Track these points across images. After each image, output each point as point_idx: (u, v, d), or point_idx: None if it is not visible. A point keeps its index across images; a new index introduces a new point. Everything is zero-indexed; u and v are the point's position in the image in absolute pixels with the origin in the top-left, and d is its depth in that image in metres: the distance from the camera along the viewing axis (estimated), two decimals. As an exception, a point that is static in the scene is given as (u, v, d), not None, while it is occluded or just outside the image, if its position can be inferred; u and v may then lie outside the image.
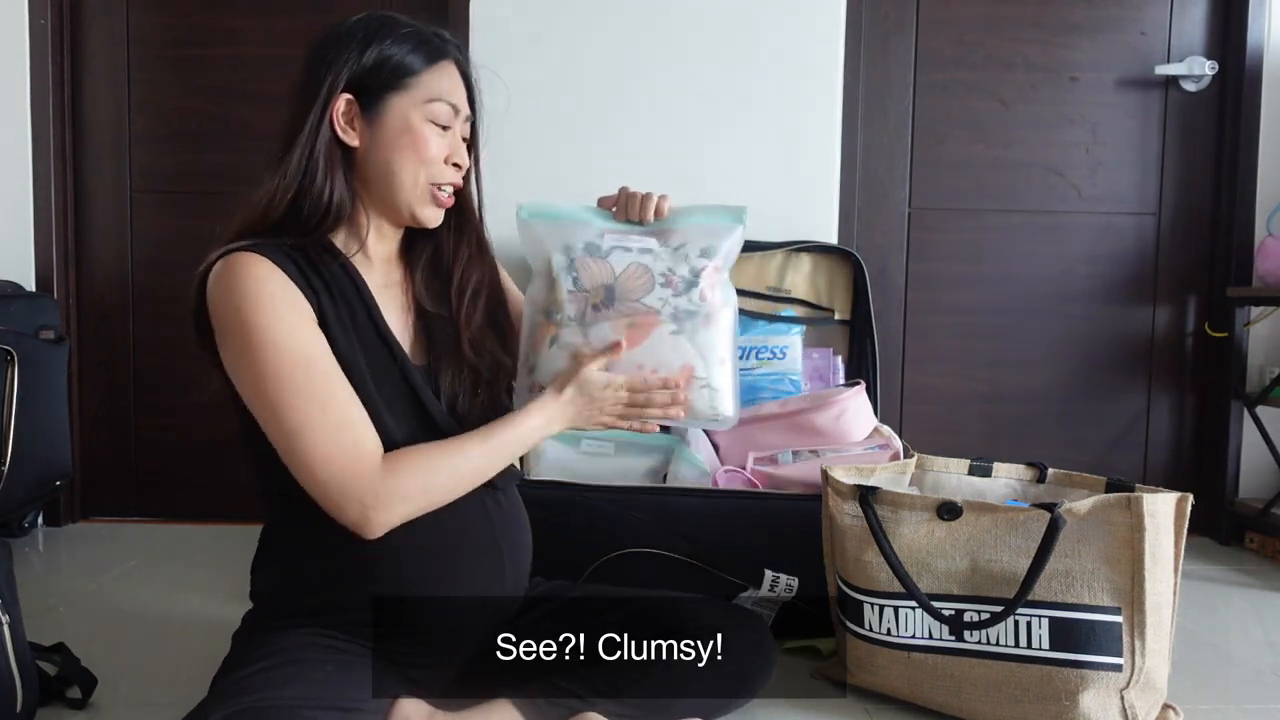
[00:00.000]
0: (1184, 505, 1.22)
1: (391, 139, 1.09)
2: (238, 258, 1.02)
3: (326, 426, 0.99)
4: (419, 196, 1.12)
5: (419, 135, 1.10)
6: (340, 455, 1.00)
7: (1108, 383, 2.38)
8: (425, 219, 1.14)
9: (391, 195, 1.11)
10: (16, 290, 2.15)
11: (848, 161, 2.24)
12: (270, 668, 0.98)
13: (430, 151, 1.10)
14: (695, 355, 1.13)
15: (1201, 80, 2.31)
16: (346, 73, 1.08)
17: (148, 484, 2.35)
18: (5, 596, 1.19)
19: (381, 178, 1.11)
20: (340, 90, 1.08)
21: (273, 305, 1.00)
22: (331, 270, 1.08)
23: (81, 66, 2.29)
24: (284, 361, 0.99)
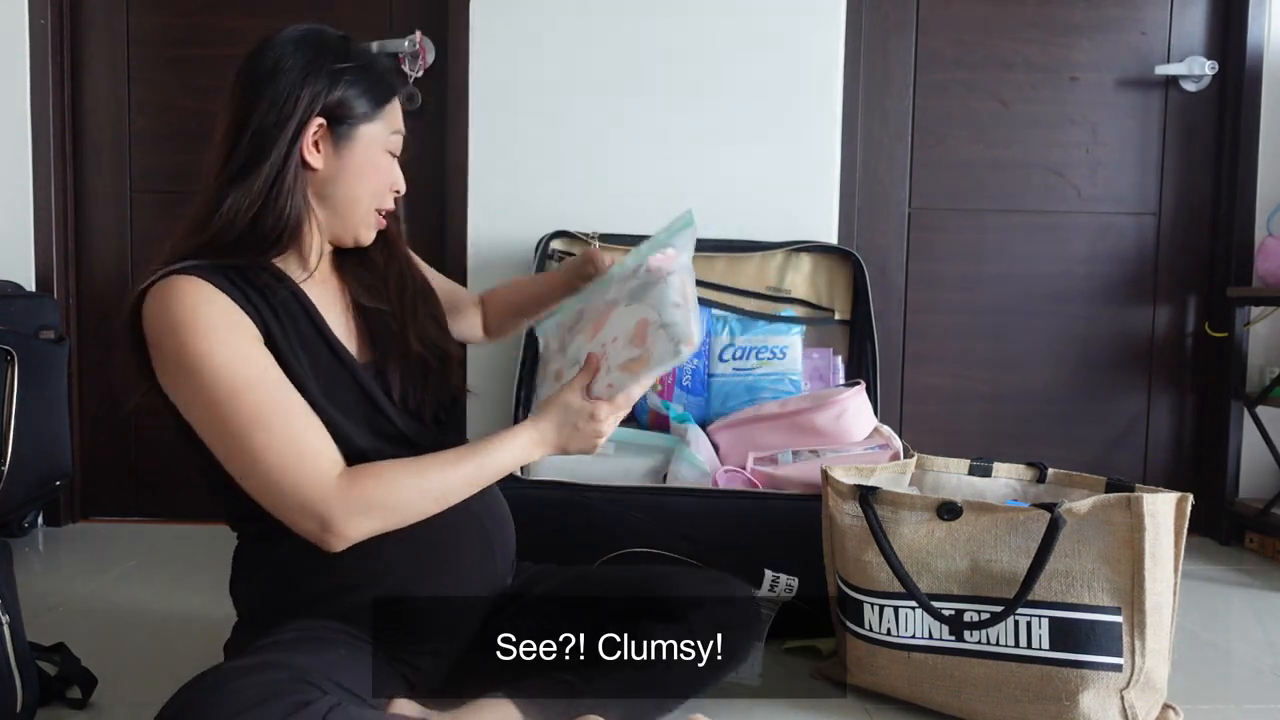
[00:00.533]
0: (1184, 505, 1.22)
1: (357, 167, 1.10)
2: (175, 281, 0.99)
3: (278, 446, 0.97)
4: (364, 220, 1.13)
5: (380, 166, 1.12)
6: (295, 473, 0.97)
7: (1108, 383, 2.38)
8: (365, 240, 1.16)
9: (344, 219, 1.12)
10: (16, 290, 2.15)
11: (848, 161, 2.24)
12: (289, 640, 1.00)
13: (384, 181, 1.13)
14: (647, 309, 1.12)
15: (1201, 80, 2.31)
16: (323, 99, 1.07)
17: (148, 484, 2.35)
18: (5, 596, 1.19)
19: (340, 202, 1.11)
20: (315, 114, 1.07)
21: (211, 329, 0.97)
22: (278, 294, 1.05)
23: (81, 67, 2.29)
24: (227, 386, 0.96)
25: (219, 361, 0.97)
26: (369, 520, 1.00)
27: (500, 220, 2.18)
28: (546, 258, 2.04)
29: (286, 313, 1.05)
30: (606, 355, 1.12)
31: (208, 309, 0.98)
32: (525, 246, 2.15)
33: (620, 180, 2.21)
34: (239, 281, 1.03)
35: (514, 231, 2.17)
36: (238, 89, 1.10)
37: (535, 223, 2.13)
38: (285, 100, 1.06)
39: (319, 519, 0.98)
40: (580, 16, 2.18)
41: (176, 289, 0.98)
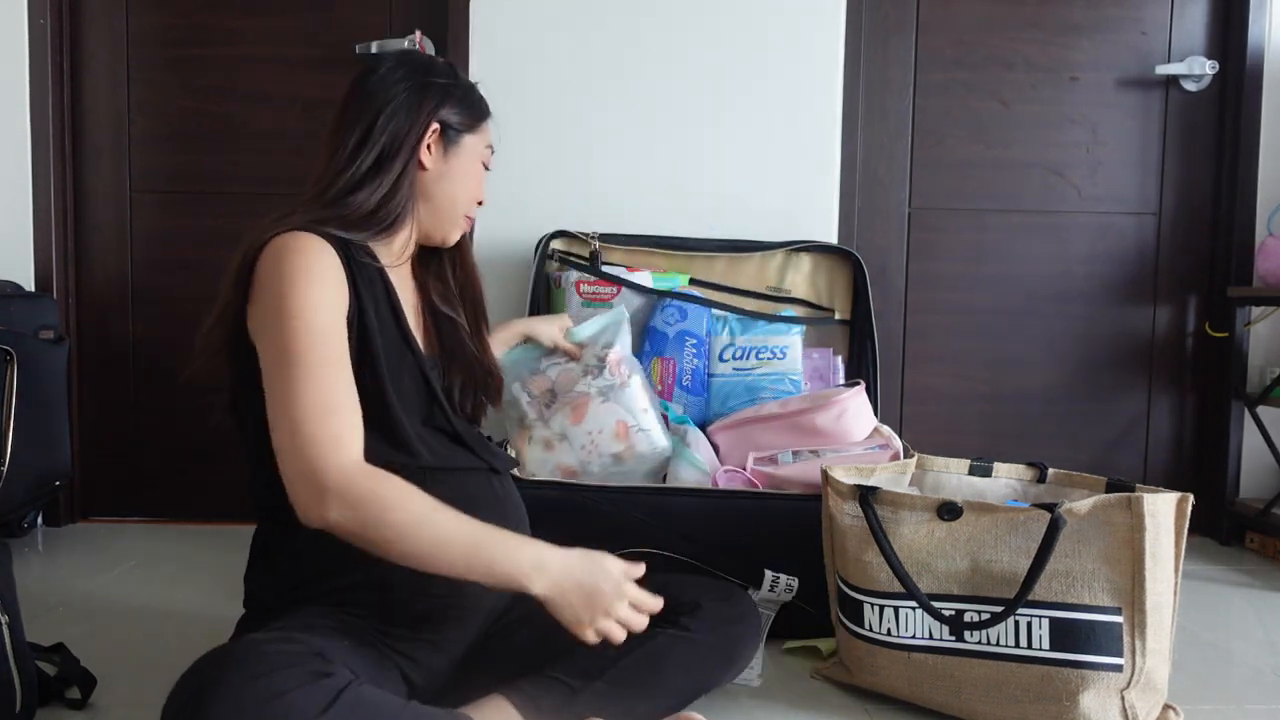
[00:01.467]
0: (1184, 505, 1.22)
1: (460, 172, 1.23)
2: (298, 235, 1.08)
3: (312, 400, 1.00)
4: (455, 222, 1.25)
5: (477, 175, 1.27)
6: (315, 433, 0.99)
7: (1108, 383, 2.38)
8: (452, 240, 1.27)
9: (441, 217, 1.23)
10: (16, 290, 2.14)
11: (848, 161, 2.24)
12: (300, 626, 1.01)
13: (478, 191, 1.27)
14: (623, 412, 1.57)
15: (1202, 80, 2.31)
16: (440, 108, 1.21)
17: (148, 484, 2.35)
18: (5, 597, 1.19)
19: (442, 201, 1.22)
20: (438, 120, 1.21)
21: (321, 281, 1.05)
22: (367, 272, 1.14)
23: (81, 67, 2.29)
24: (309, 333, 1.02)
25: (312, 311, 1.03)
26: (349, 520, 0.97)
27: (500, 220, 2.18)
28: (546, 258, 2.04)
29: (371, 290, 1.13)
30: (596, 445, 1.57)
31: (320, 265, 1.06)
32: (525, 246, 2.15)
33: (620, 180, 2.21)
34: (342, 252, 1.11)
35: (514, 231, 2.17)
36: (359, 96, 1.21)
37: (535, 223, 2.13)
38: (411, 106, 1.19)
39: (312, 485, 0.97)
40: (580, 17, 2.18)
41: (299, 242, 1.07)
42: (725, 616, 1.20)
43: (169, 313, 2.32)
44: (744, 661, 1.23)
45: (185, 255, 2.31)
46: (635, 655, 1.11)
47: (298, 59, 2.28)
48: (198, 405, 2.29)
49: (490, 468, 1.21)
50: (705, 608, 1.18)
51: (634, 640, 1.11)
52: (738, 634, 1.21)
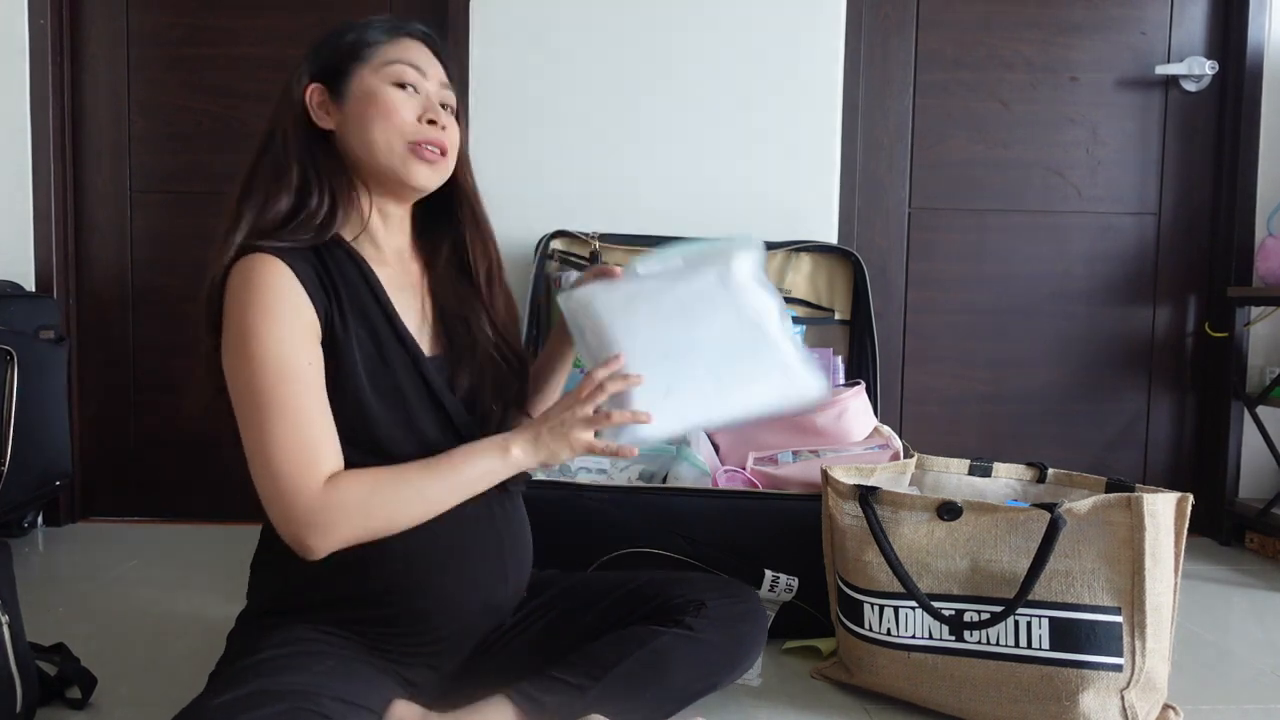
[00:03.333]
0: (1184, 505, 1.22)
1: (359, 109, 1.10)
2: (253, 260, 1.03)
3: (287, 442, 0.99)
4: (400, 158, 1.10)
5: (382, 98, 1.10)
6: (290, 473, 0.99)
7: (1108, 383, 2.38)
8: (416, 178, 1.11)
9: (375, 164, 1.10)
10: (16, 290, 2.15)
11: (848, 161, 2.24)
12: (275, 658, 0.99)
13: (400, 113, 1.09)
14: None
15: (1201, 80, 2.31)
16: (315, 63, 1.13)
17: (148, 484, 2.35)
18: (5, 596, 1.19)
19: (360, 149, 1.10)
20: (308, 82, 1.12)
21: (277, 313, 1.01)
22: (339, 262, 1.08)
23: (81, 67, 2.29)
24: (269, 372, 0.99)
25: (270, 346, 1.00)
26: (343, 530, 1.00)
27: (500, 220, 2.14)
28: (546, 258, 2.04)
29: (349, 283, 1.08)
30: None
31: (276, 293, 1.02)
32: (525, 246, 2.15)
33: (620, 180, 2.21)
34: (314, 260, 1.06)
35: (514, 231, 2.17)
36: None
37: (535, 223, 2.13)
38: (283, 93, 1.15)
39: (295, 523, 0.99)
40: (580, 17, 2.18)
41: (254, 267, 1.03)
42: (731, 615, 1.17)
43: (169, 313, 2.32)
44: (750, 660, 1.21)
45: (185, 255, 2.31)
46: (639, 656, 1.09)
47: (298, 59, 2.27)
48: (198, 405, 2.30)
49: (500, 485, 1.12)
50: (710, 606, 1.16)
51: (638, 640, 1.10)
52: (744, 633, 1.19)
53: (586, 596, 1.22)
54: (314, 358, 1.03)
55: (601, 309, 1.11)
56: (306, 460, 0.99)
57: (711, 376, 1.10)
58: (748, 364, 1.11)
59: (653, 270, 1.15)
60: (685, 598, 1.16)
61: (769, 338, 1.12)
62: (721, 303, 1.12)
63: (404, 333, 1.10)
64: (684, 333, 1.10)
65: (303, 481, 0.99)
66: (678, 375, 1.09)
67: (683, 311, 1.11)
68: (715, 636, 1.14)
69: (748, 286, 1.13)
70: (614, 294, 1.12)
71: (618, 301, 1.12)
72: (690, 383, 1.09)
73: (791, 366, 1.12)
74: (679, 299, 1.11)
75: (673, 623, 1.13)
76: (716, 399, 1.10)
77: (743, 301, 1.12)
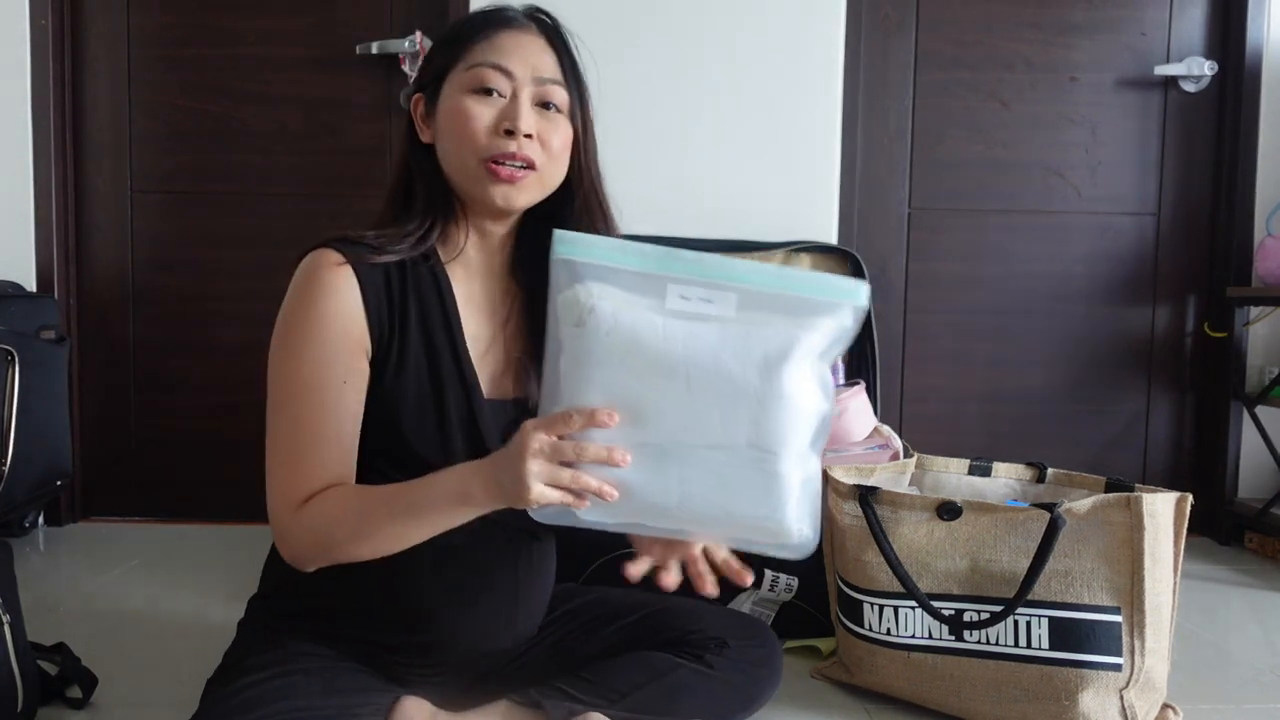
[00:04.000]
0: (1184, 505, 1.22)
1: (444, 124, 1.02)
2: (323, 256, 0.98)
3: (286, 454, 0.97)
4: (475, 177, 1.00)
5: (460, 109, 0.99)
6: (276, 482, 0.97)
7: (1108, 383, 2.38)
8: (493, 199, 1.00)
9: (463, 185, 1.02)
10: (17, 290, 2.15)
11: (848, 161, 2.24)
12: (266, 679, 0.97)
13: (472, 124, 0.99)
14: None
15: (1201, 80, 2.31)
16: (421, 75, 1.06)
17: (148, 484, 2.35)
18: (6, 596, 1.19)
19: (450, 169, 1.03)
20: (414, 91, 1.07)
21: (320, 319, 0.96)
22: (420, 280, 1.01)
23: (82, 67, 2.29)
24: (297, 380, 0.96)
25: (303, 352, 0.96)
26: (310, 551, 0.97)
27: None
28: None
29: (424, 318, 1.01)
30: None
31: (331, 299, 0.96)
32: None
33: (620, 180, 2.20)
34: (390, 272, 1.00)
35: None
36: None
37: (535, 223, 2.13)
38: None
39: (277, 533, 0.98)
40: (580, 17, 2.17)
41: (317, 264, 0.98)
42: (751, 659, 1.14)
43: (169, 313, 2.32)
44: (761, 704, 1.18)
45: (185, 255, 2.31)
46: (656, 686, 1.07)
47: (298, 59, 2.28)
48: (198, 405, 2.31)
49: (529, 531, 1.05)
50: (732, 647, 1.13)
51: (656, 670, 1.08)
52: (761, 677, 1.16)
53: (603, 615, 1.18)
54: (351, 375, 0.98)
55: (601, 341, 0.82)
56: (290, 478, 0.97)
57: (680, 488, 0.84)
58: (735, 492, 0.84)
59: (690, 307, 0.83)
60: (706, 634, 1.13)
61: (778, 475, 0.84)
62: (747, 404, 0.82)
63: (468, 371, 1.02)
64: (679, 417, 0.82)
65: (283, 497, 0.97)
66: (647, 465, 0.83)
67: (691, 388, 0.82)
68: (733, 677, 1.12)
69: (796, 387, 0.83)
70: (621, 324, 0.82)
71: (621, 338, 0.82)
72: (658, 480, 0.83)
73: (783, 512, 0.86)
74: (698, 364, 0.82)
75: (693, 657, 1.11)
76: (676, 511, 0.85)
77: (776, 413, 0.83)
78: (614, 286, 0.83)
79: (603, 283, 0.83)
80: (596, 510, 0.85)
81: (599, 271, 0.83)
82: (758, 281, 0.83)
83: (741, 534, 0.88)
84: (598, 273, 0.83)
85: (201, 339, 2.30)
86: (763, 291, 0.83)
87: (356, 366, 0.98)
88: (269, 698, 0.94)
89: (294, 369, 0.97)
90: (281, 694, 0.95)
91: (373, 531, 0.93)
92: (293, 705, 0.94)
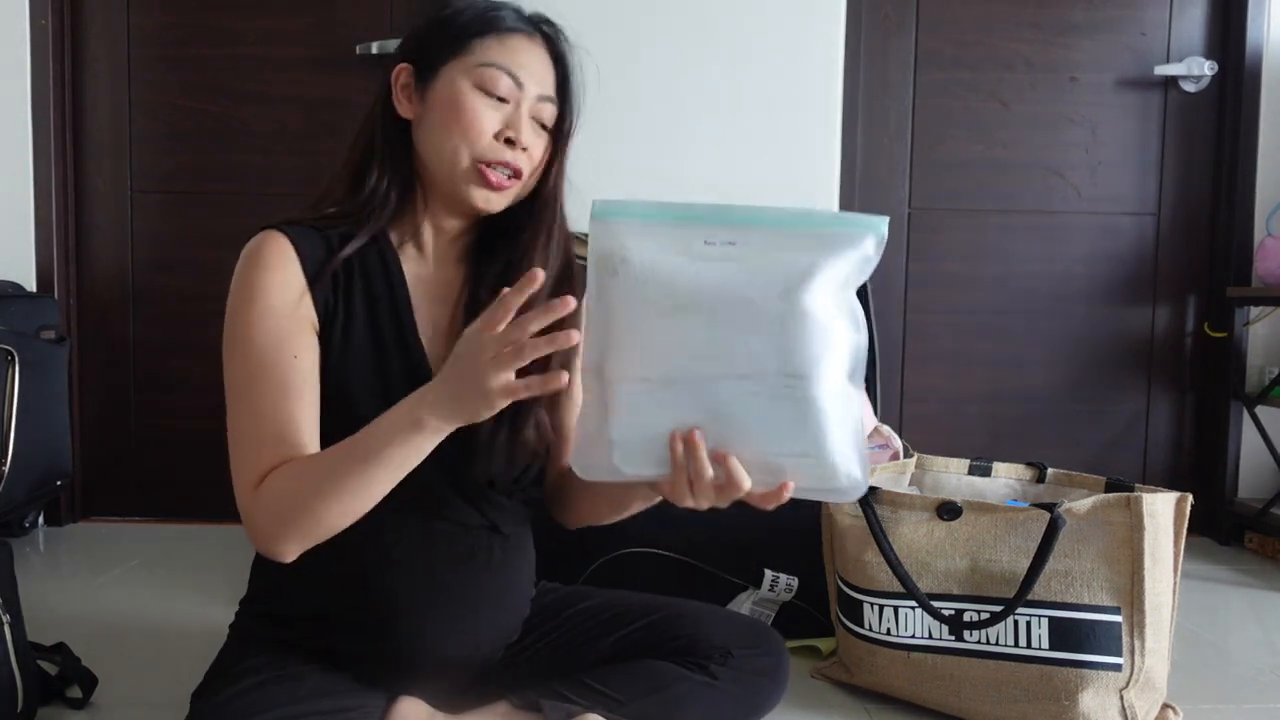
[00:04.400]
0: (1183, 505, 1.22)
1: (438, 109, 0.99)
2: (265, 238, 0.98)
3: (247, 436, 0.95)
4: (463, 175, 0.99)
5: (464, 105, 0.98)
6: (238, 468, 0.95)
7: (1107, 383, 2.38)
8: (474, 201, 1.00)
9: (439, 174, 1.01)
10: (17, 290, 2.15)
11: (848, 161, 2.24)
12: (251, 688, 0.96)
13: (477, 124, 0.98)
14: None
15: (1201, 80, 2.31)
16: (418, 42, 1.03)
17: (148, 484, 2.35)
18: (6, 596, 1.19)
19: (429, 153, 1.01)
20: (400, 58, 1.03)
21: (263, 297, 0.95)
22: (365, 254, 1.01)
23: (82, 67, 2.29)
24: (249, 362, 0.95)
25: (252, 333, 0.95)
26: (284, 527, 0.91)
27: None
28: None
29: (369, 291, 1.01)
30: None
31: (275, 274, 0.96)
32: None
33: (620, 180, 2.21)
34: (333, 243, 0.99)
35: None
36: None
37: (535, 223, 2.13)
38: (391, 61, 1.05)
39: (246, 522, 0.94)
40: (580, 17, 2.17)
41: (260, 246, 0.98)
42: (756, 669, 1.12)
43: (169, 313, 2.32)
44: (766, 712, 1.16)
45: (185, 255, 2.31)
46: (658, 696, 1.06)
47: (298, 59, 2.28)
48: (198, 405, 2.31)
49: (491, 525, 1.04)
50: (736, 657, 1.11)
51: (658, 681, 1.07)
52: (764, 687, 1.14)
53: (609, 620, 1.16)
54: (301, 348, 0.96)
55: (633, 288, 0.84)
56: (251, 459, 0.94)
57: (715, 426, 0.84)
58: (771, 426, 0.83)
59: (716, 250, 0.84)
60: (711, 643, 1.11)
61: (813, 403, 0.82)
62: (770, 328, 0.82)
63: (413, 345, 1.02)
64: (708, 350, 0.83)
65: (243, 480, 0.95)
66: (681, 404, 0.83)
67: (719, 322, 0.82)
68: (736, 689, 1.10)
69: (818, 308, 0.82)
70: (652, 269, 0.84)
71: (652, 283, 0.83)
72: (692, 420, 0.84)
73: (824, 444, 0.83)
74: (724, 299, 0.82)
75: (697, 667, 1.09)
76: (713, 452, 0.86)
77: (800, 335, 0.81)
78: (645, 239, 0.85)
79: (635, 237, 0.85)
80: (635, 461, 0.86)
81: (631, 228, 0.86)
82: (782, 221, 0.85)
83: (784, 476, 0.87)
84: (630, 229, 0.86)
85: (201, 339, 2.30)
86: (787, 229, 0.85)
87: (305, 340, 0.97)
88: (261, 705, 0.93)
89: (243, 351, 0.96)
90: (270, 702, 0.94)
91: (332, 488, 0.89)
92: (285, 713, 0.93)
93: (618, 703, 1.05)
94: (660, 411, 0.84)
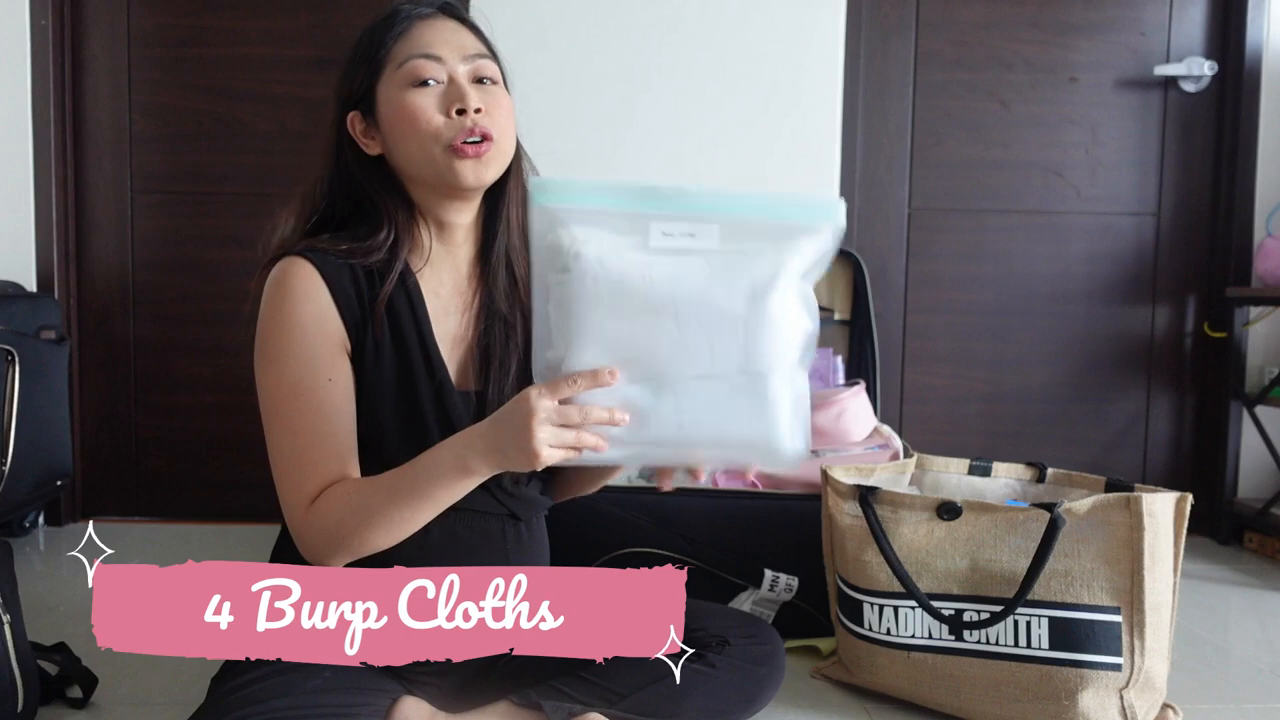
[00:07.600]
0: (1183, 505, 1.22)
1: (391, 127, 1.05)
2: (288, 264, 1.02)
3: (287, 459, 1.01)
4: (443, 164, 1.03)
5: (406, 106, 1.02)
6: (285, 489, 1.01)
7: (1107, 383, 2.38)
8: (465, 180, 1.03)
9: (424, 177, 1.05)
10: (17, 290, 2.14)
11: (848, 161, 2.24)
12: (267, 675, 0.98)
13: (425, 114, 1.02)
14: None
15: (1201, 80, 2.31)
16: (344, 88, 1.09)
17: (148, 484, 2.35)
18: (6, 596, 1.19)
19: (407, 166, 1.06)
20: (345, 113, 1.08)
21: (297, 324, 1.00)
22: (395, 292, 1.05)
23: (82, 67, 2.29)
24: (284, 386, 1.01)
25: (288, 361, 1.00)
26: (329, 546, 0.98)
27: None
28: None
29: (394, 315, 1.05)
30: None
31: (307, 304, 1.01)
32: (525, 246, 2.15)
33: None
34: (360, 273, 1.04)
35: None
36: None
37: (535, 223, 2.13)
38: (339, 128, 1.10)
39: (297, 537, 1.01)
40: (582, 17, 2.18)
41: (287, 273, 1.02)
42: (752, 657, 1.14)
43: (169, 313, 2.32)
44: (764, 703, 1.17)
45: (185, 255, 2.31)
46: (657, 686, 1.07)
47: (298, 59, 2.28)
48: (198, 405, 2.31)
49: (510, 513, 1.10)
50: (733, 645, 1.13)
51: (656, 671, 1.06)
52: (762, 675, 1.15)
53: None
54: (336, 373, 1.02)
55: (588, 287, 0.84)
56: (298, 479, 1.01)
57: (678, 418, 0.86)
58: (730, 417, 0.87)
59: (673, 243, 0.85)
60: (708, 632, 1.13)
61: (770, 396, 0.86)
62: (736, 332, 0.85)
63: (438, 365, 1.06)
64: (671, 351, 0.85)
65: (294, 499, 1.01)
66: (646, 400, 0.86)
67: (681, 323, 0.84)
68: (734, 676, 1.11)
69: (782, 312, 0.85)
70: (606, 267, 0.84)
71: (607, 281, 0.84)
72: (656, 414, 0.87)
73: (776, 430, 0.87)
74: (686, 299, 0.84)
75: (694, 658, 1.09)
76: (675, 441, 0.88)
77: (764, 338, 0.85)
78: (596, 228, 0.84)
79: (584, 225, 0.84)
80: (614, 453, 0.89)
81: (579, 215, 0.84)
82: (739, 209, 0.85)
83: (738, 455, 0.91)
84: (578, 216, 0.84)
85: (202, 339, 2.30)
86: (744, 220, 0.85)
87: (339, 364, 1.03)
88: (270, 693, 0.96)
89: (279, 376, 1.01)
90: (283, 690, 0.97)
91: (379, 519, 0.96)
92: (291, 703, 0.96)
93: (618, 696, 1.06)
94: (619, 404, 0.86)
